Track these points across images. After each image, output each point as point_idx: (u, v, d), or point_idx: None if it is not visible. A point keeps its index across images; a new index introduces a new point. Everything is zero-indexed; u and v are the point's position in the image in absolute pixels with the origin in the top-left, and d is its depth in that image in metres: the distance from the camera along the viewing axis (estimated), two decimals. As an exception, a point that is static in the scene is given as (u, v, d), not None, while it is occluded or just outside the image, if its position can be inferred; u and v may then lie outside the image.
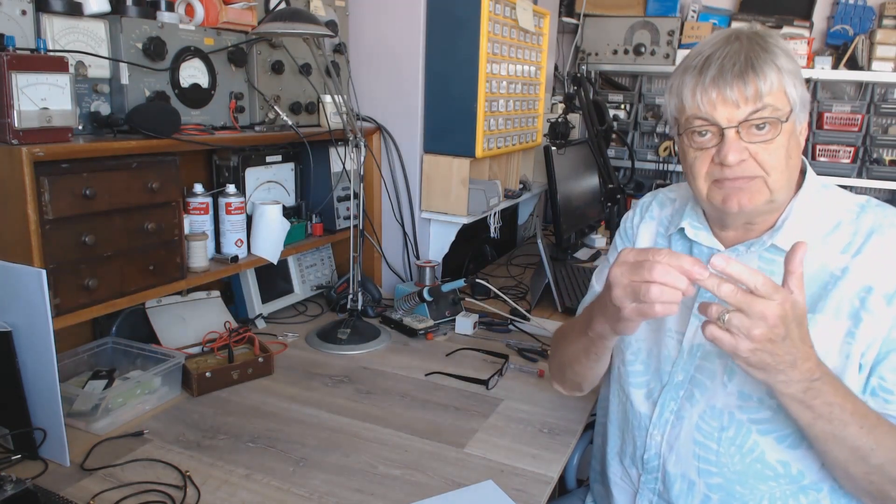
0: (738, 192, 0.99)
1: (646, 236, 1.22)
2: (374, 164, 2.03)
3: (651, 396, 1.11)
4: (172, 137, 1.36)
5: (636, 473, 1.14)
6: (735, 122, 0.96)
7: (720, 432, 1.03)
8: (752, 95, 0.95)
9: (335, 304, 1.92)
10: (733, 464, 1.02)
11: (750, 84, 0.94)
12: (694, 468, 1.05)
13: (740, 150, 0.96)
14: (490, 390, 1.45)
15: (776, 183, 0.98)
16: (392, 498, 1.07)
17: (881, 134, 3.04)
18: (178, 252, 1.43)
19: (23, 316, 1.07)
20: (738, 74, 0.94)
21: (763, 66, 0.95)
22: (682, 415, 1.07)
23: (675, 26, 3.12)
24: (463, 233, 2.12)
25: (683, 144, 1.03)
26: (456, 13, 1.88)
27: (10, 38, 1.13)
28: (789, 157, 0.99)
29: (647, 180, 3.36)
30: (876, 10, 2.97)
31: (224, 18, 1.54)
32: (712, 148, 0.99)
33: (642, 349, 1.15)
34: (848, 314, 0.97)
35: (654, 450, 1.10)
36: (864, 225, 1.01)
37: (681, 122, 1.03)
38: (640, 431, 1.12)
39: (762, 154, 0.97)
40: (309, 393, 1.42)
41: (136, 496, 1.05)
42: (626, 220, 1.30)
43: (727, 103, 0.96)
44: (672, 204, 1.22)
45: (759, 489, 1.01)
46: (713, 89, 0.96)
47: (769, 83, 0.95)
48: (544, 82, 2.43)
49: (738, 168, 0.97)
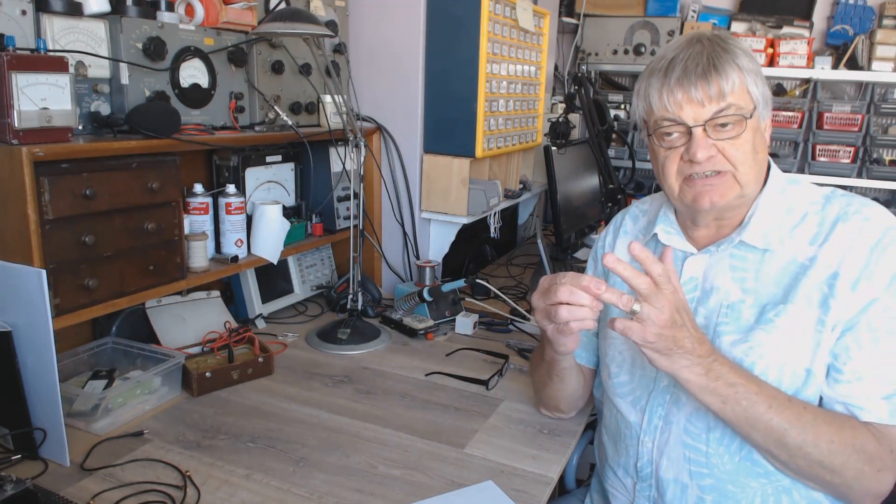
0: (710, 189, 1.02)
1: (622, 250, 1.24)
2: (374, 164, 2.03)
3: (638, 404, 1.12)
4: (172, 137, 1.36)
5: (631, 482, 1.15)
6: (701, 121, 0.99)
7: (707, 433, 1.04)
8: (716, 94, 0.98)
9: (335, 304, 1.92)
10: (723, 463, 1.03)
11: (713, 83, 0.97)
12: (686, 471, 1.06)
13: (708, 146, 1.00)
14: (490, 390, 1.45)
15: (745, 176, 1.01)
16: (392, 498, 1.07)
17: (881, 134, 3.04)
18: (178, 252, 1.43)
19: (23, 316, 1.07)
20: (702, 75, 0.98)
21: (725, 66, 0.98)
22: (670, 419, 1.08)
23: (675, 26, 3.12)
24: (463, 233, 2.12)
25: (653, 145, 1.07)
26: (456, 13, 1.88)
27: (10, 38, 1.13)
28: (756, 152, 1.02)
29: (647, 180, 3.36)
30: (876, 10, 2.97)
31: (224, 18, 1.54)
32: (681, 147, 1.02)
33: (626, 360, 1.16)
34: (818, 302, 0.98)
35: (647, 457, 1.10)
36: (830, 214, 1.03)
37: (649, 124, 1.06)
38: (632, 440, 1.13)
39: (730, 149, 1.00)
40: (309, 393, 1.42)
41: (136, 496, 1.05)
42: (599, 242, 1.33)
43: (693, 102, 0.99)
44: (645, 215, 1.25)
45: (750, 486, 1.02)
46: (679, 90, 0.99)
47: (731, 82, 0.98)
48: (544, 82, 2.43)
49: (707, 164, 1.00)
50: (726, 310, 1.04)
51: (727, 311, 1.04)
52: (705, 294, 1.08)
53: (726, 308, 1.04)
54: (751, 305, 1.03)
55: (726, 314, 1.04)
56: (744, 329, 1.02)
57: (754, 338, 1.00)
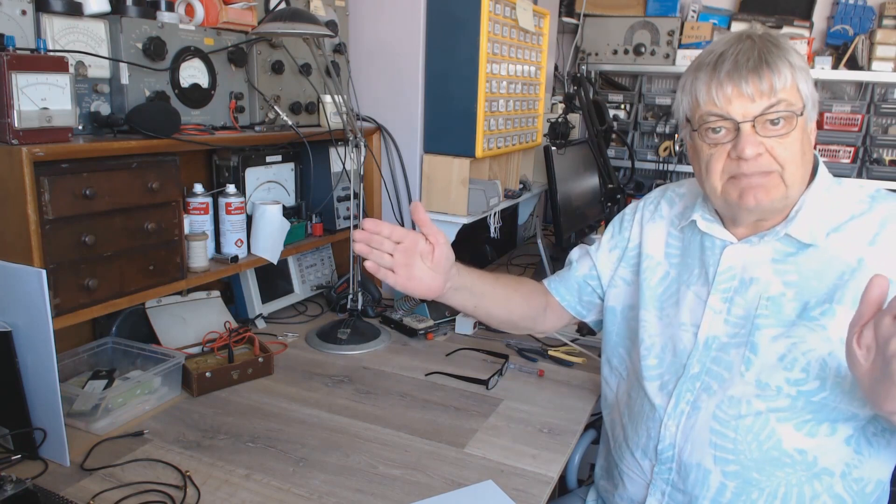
0: (755, 188, 1.00)
1: (656, 234, 1.23)
2: (374, 164, 2.03)
3: (665, 388, 1.12)
4: (172, 137, 1.36)
5: (649, 464, 1.14)
6: (750, 117, 0.97)
7: (737, 420, 1.03)
8: (767, 90, 0.95)
9: (335, 304, 1.92)
10: (750, 451, 1.02)
11: (765, 79, 0.95)
12: (710, 456, 1.05)
13: (756, 143, 0.97)
14: (490, 390, 1.45)
15: (792, 177, 0.99)
16: (392, 498, 1.07)
17: (881, 134, 3.04)
18: (178, 252, 1.43)
19: (23, 316, 1.07)
20: (753, 69, 0.95)
21: (777, 62, 0.96)
22: (698, 405, 1.07)
23: (675, 26, 3.12)
24: (463, 233, 2.12)
25: (697, 142, 1.04)
26: (456, 13, 1.88)
27: (10, 38, 1.13)
28: (803, 153, 1.00)
29: (647, 180, 3.36)
30: (876, 10, 2.97)
31: (224, 18, 1.53)
32: (728, 143, 1.00)
33: (656, 344, 1.16)
34: None
35: (669, 440, 1.10)
36: (877, 215, 1.02)
37: (694, 120, 1.03)
38: (654, 423, 1.12)
39: (778, 148, 0.98)
40: (309, 393, 1.42)
41: (136, 496, 1.05)
42: (628, 215, 1.31)
43: (743, 97, 0.96)
44: (682, 200, 1.23)
45: (775, 476, 1.01)
46: (728, 84, 0.97)
47: (783, 78, 0.96)
48: (544, 82, 2.43)
49: (754, 162, 0.98)
50: (766, 302, 1.03)
51: (767, 304, 1.03)
52: (743, 285, 1.07)
53: (766, 300, 1.03)
54: (792, 299, 1.02)
55: (766, 306, 1.03)
56: (785, 323, 1.01)
57: (797, 333, 1.00)
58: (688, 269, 1.15)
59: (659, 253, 1.22)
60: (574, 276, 1.34)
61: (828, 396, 0.99)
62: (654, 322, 1.18)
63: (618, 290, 1.28)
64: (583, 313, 1.35)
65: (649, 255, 1.23)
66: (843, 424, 1.00)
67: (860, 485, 1.03)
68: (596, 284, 1.32)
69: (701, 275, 1.13)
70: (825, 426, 1.00)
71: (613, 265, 1.29)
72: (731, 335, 1.07)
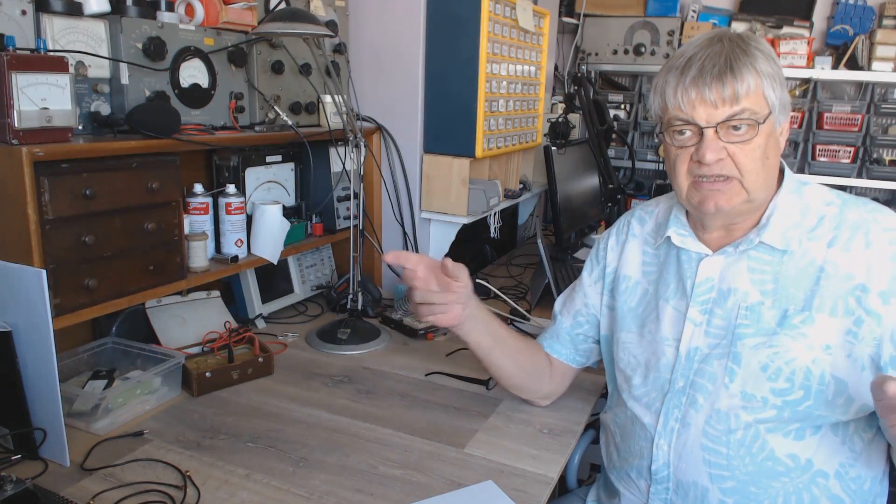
0: (715, 194, 1.01)
1: (632, 254, 1.24)
2: (374, 164, 2.03)
3: (653, 406, 1.12)
4: (172, 137, 1.36)
5: (645, 485, 1.14)
6: (713, 123, 0.98)
7: (728, 435, 1.03)
8: (730, 97, 0.97)
9: (335, 304, 1.92)
10: (744, 465, 1.02)
11: (728, 86, 0.97)
12: (705, 474, 1.05)
13: (718, 149, 0.99)
14: (490, 390, 1.45)
15: (752, 183, 1.01)
16: (392, 498, 1.07)
17: (881, 134, 3.04)
18: (178, 252, 1.43)
19: (23, 316, 1.07)
20: (717, 76, 0.97)
21: (741, 69, 0.97)
22: (687, 421, 1.07)
23: (675, 26, 3.12)
24: (463, 233, 2.12)
25: (666, 142, 1.06)
26: (456, 13, 1.88)
27: (10, 38, 1.13)
28: (766, 158, 1.01)
29: (647, 180, 3.36)
30: (876, 10, 2.97)
31: (224, 18, 1.53)
32: (692, 147, 1.02)
33: (640, 362, 1.16)
34: (844, 311, 0.98)
35: (663, 460, 1.09)
36: (848, 219, 1.03)
37: (664, 121, 1.05)
38: (646, 442, 1.12)
39: (739, 154, 0.99)
40: (309, 393, 1.42)
41: (136, 496, 1.05)
42: (601, 242, 1.32)
43: (706, 103, 0.98)
44: (653, 217, 1.24)
45: (772, 486, 1.02)
46: (693, 89, 0.98)
47: (746, 86, 0.97)
48: (544, 82, 2.43)
49: (715, 166, 1.00)
50: (745, 311, 1.04)
51: (746, 314, 1.04)
52: (722, 296, 1.07)
53: (745, 310, 1.04)
54: (770, 307, 1.02)
55: (746, 316, 1.04)
56: (766, 332, 1.02)
57: (778, 342, 1.00)
58: (665, 285, 1.15)
59: (636, 271, 1.22)
60: (563, 328, 1.32)
61: (812, 405, 1.00)
62: (634, 342, 1.18)
63: (606, 319, 1.28)
64: (582, 361, 1.33)
65: (626, 276, 1.23)
66: (831, 427, 1.02)
67: (858, 483, 1.03)
68: (587, 328, 1.30)
69: (678, 289, 1.13)
70: (814, 430, 1.01)
71: (599, 296, 1.28)
72: (712, 346, 1.07)
